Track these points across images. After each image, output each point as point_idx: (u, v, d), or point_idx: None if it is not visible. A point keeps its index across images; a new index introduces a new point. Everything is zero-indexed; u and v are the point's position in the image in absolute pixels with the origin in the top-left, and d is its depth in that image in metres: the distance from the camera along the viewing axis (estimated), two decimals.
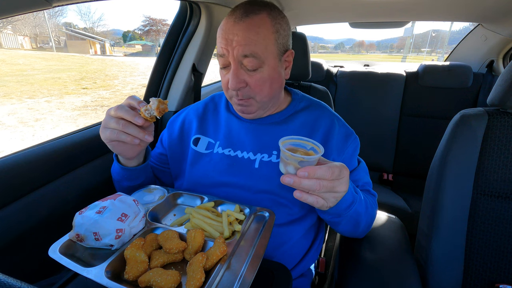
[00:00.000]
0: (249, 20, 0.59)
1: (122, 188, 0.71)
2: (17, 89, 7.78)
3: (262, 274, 0.47)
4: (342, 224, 0.60)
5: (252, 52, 0.59)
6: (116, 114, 0.54)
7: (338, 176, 0.47)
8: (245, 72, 0.61)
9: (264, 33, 0.59)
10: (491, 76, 1.68)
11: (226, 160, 0.69)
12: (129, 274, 0.41)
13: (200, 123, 0.76)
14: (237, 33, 0.58)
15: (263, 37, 0.59)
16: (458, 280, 0.75)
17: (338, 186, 0.47)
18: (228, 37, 0.59)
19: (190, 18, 1.12)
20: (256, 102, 0.65)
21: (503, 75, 0.71)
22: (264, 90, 0.64)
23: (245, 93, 0.63)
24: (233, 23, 0.59)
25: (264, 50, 0.60)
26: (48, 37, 31.73)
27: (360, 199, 0.59)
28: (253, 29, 0.58)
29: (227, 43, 0.60)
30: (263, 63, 0.61)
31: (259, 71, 0.62)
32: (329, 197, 0.48)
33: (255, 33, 0.58)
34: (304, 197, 0.47)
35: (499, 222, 0.73)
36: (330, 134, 0.69)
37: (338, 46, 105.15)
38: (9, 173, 0.62)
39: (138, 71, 12.87)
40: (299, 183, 0.44)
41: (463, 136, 0.74)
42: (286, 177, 0.45)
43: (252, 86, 0.63)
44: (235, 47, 0.59)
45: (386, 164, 1.86)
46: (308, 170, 0.43)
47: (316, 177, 0.44)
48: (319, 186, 0.44)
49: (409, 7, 1.32)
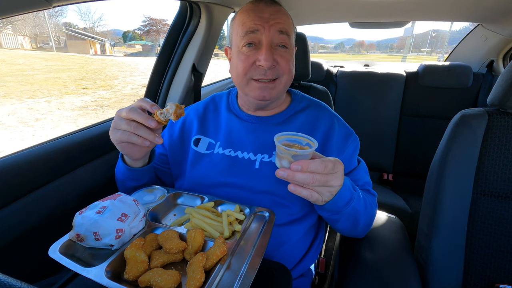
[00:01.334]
0: (278, 6, 0.66)
1: (126, 188, 0.71)
2: (17, 89, 7.78)
3: (262, 274, 0.48)
4: (341, 221, 0.60)
5: (286, 30, 0.64)
6: (128, 116, 0.54)
7: (332, 170, 0.47)
8: (276, 51, 0.64)
9: (289, 19, 0.67)
10: (491, 76, 1.68)
11: (227, 161, 0.69)
12: (129, 274, 0.41)
13: (201, 124, 0.76)
14: (272, 13, 0.63)
15: (289, 23, 0.66)
16: (458, 280, 0.75)
17: (332, 180, 0.48)
18: (262, 15, 0.63)
19: (190, 18, 1.12)
20: (280, 84, 0.66)
21: (503, 75, 0.71)
22: (290, 71, 0.66)
23: (274, 72, 0.64)
24: (265, 5, 0.64)
25: (291, 34, 0.66)
26: (48, 37, 31.74)
27: (358, 196, 0.59)
28: (283, 12, 0.65)
29: (262, 20, 0.63)
30: (290, 45, 0.66)
31: (288, 52, 0.65)
32: (324, 191, 0.49)
33: (286, 15, 0.66)
34: (298, 191, 0.47)
35: (499, 222, 0.73)
36: (330, 134, 0.69)
37: (338, 46, 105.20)
38: (9, 173, 0.62)
39: (138, 71, 12.87)
40: (293, 176, 0.45)
41: (463, 136, 0.74)
42: (280, 170, 0.46)
43: (282, 65, 0.64)
44: (272, 24, 0.62)
45: (386, 164, 1.86)
46: (302, 164, 0.44)
47: (309, 170, 0.45)
48: (313, 179, 0.45)
49: (409, 7, 1.32)
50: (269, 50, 0.62)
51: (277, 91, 0.67)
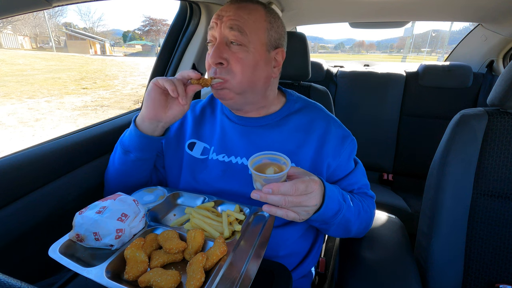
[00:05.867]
0: (244, 4, 0.62)
1: (125, 162, 0.67)
2: (17, 89, 7.77)
3: (262, 274, 0.48)
4: (331, 230, 0.61)
5: (239, 26, 0.59)
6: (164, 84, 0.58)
7: (304, 191, 0.48)
8: (228, 49, 0.61)
9: (256, 16, 0.61)
10: (491, 76, 1.68)
11: (221, 167, 0.68)
12: (129, 274, 0.41)
13: (196, 127, 0.75)
14: (229, 10, 0.61)
15: (254, 20, 0.61)
16: (458, 280, 0.75)
17: (306, 201, 0.48)
18: (220, 13, 0.62)
19: (190, 18, 1.12)
20: (232, 86, 0.61)
21: (503, 75, 0.71)
22: (245, 74, 0.61)
23: (222, 71, 0.60)
24: (229, 4, 0.62)
25: (252, 31, 0.60)
26: (48, 37, 31.73)
27: (348, 206, 0.59)
28: (246, 9, 0.61)
29: (217, 18, 0.61)
30: (248, 43, 0.60)
31: (243, 51, 0.60)
32: (299, 210, 0.49)
33: (247, 13, 0.60)
34: (273, 211, 0.48)
35: (499, 222, 0.73)
36: (326, 137, 0.67)
37: (338, 46, 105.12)
38: (9, 173, 0.62)
39: (138, 71, 12.87)
40: (265, 198, 0.47)
41: (463, 136, 0.74)
42: (254, 192, 0.48)
43: (232, 64, 0.60)
44: (224, 21, 0.60)
45: (386, 164, 1.86)
46: (272, 187, 0.46)
47: (280, 193, 0.46)
48: (285, 201, 0.46)
49: (409, 7, 1.32)
50: (217, 48, 0.59)
51: (233, 92, 0.62)
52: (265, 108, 0.71)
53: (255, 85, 0.63)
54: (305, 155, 0.66)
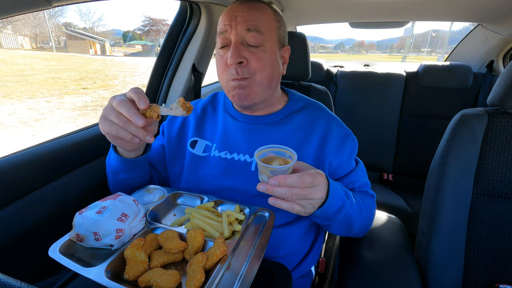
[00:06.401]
0: (253, 3, 0.62)
1: (118, 181, 0.67)
2: (17, 89, 7.77)
3: (262, 274, 0.48)
4: (334, 227, 0.61)
5: (256, 26, 0.60)
6: (118, 108, 0.49)
7: (311, 184, 0.48)
8: (246, 49, 0.61)
9: (268, 15, 0.63)
10: (491, 76, 1.68)
11: (223, 163, 0.68)
12: (129, 274, 0.41)
13: (198, 126, 0.75)
14: (242, 10, 0.61)
15: (267, 19, 0.62)
16: (458, 280, 0.75)
17: (312, 193, 0.48)
18: (232, 14, 0.61)
19: (190, 18, 1.12)
20: (255, 83, 0.63)
21: (503, 75, 0.71)
22: (265, 70, 0.62)
23: (245, 70, 0.61)
24: (239, 4, 0.62)
25: (267, 30, 0.62)
26: (48, 37, 31.73)
27: (351, 202, 0.59)
28: (257, 9, 0.62)
29: (230, 19, 0.60)
30: (265, 42, 0.62)
31: (261, 50, 0.61)
32: (305, 204, 0.49)
33: (260, 12, 0.62)
34: (279, 204, 0.48)
35: (499, 222, 0.73)
36: (328, 136, 0.68)
37: (338, 46, 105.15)
38: (9, 173, 0.62)
39: (138, 71, 12.86)
40: (271, 190, 0.46)
41: (463, 136, 0.74)
42: (260, 185, 0.47)
43: (253, 63, 0.61)
44: (239, 22, 0.60)
45: (386, 164, 1.86)
46: (279, 179, 0.46)
47: (286, 185, 0.46)
48: (291, 194, 0.46)
49: (409, 7, 1.32)
50: (235, 48, 0.59)
51: (254, 91, 0.64)
52: (271, 106, 0.72)
53: (272, 82, 0.66)
54: (307, 153, 0.66)
